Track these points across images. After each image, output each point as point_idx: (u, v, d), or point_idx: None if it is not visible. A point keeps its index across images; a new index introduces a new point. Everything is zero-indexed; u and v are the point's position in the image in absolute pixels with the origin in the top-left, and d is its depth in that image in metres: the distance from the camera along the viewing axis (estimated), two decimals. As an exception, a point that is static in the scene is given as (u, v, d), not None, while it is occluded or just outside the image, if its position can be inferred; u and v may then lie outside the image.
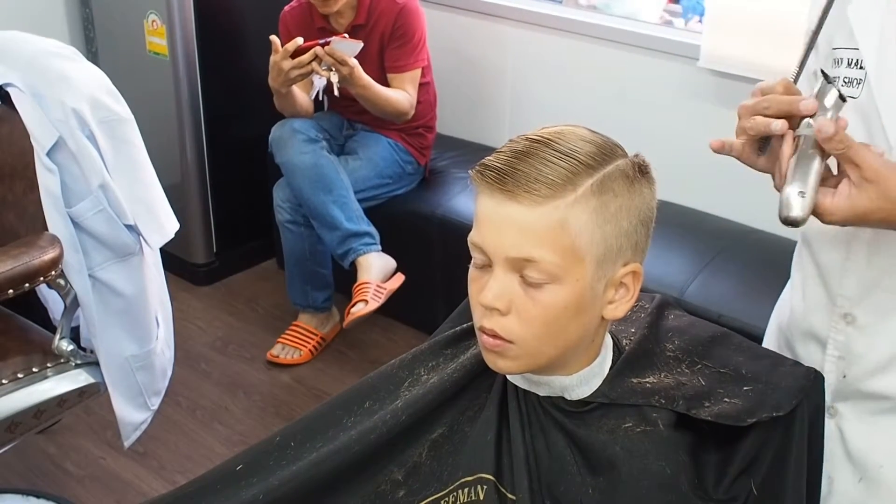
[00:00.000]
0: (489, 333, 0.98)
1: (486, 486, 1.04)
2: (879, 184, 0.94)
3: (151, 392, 2.01)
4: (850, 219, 0.96)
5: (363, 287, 2.58)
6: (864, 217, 0.96)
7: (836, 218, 0.96)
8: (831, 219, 0.97)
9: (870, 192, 0.94)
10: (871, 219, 0.96)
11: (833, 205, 0.96)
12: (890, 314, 1.10)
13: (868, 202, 0.95)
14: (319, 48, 2.46)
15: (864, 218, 0.96)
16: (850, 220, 0.97)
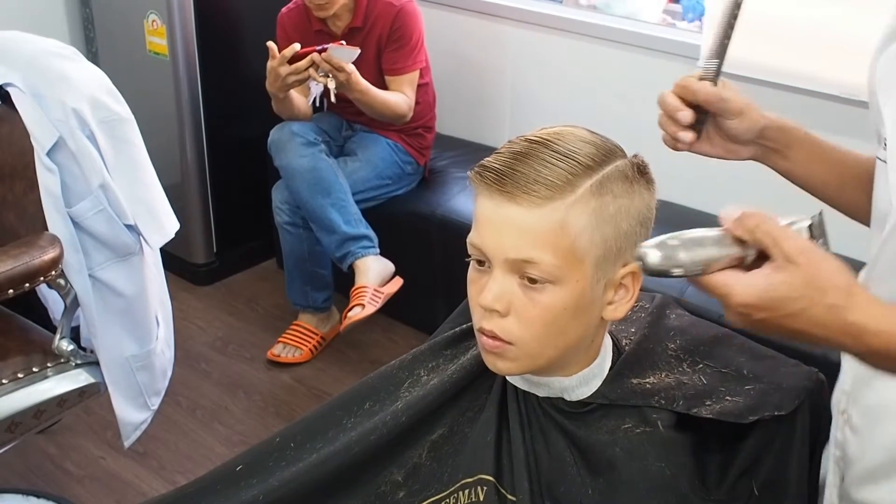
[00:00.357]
0: (488, 335, 0.98)
1: (486, 487, 1.04)
2: (807, 268, 0.79)
3: (151, 392, 2.01)
4: (761, 304, 0.79)
5: (360, 291, 2.59)
6: (779, 304, 0.79)
7: (743, 299, 0.80)
8: (737, 300, 0.80)
9: (793, 274, 0.79)
10: (786, 308, 0.79)
11: (744, 283, 0.80)
12: (881, 419, 0.96)
13: (788, 287, 0.79)
14: (316, 55, 2.46)
15: (778, 305, 0.79)
16: (759, 307, 0.80)
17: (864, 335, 0.78)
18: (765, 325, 0.81)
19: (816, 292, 0.78)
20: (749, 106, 1.06)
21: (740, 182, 2.71)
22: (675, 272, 0.82)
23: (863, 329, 0.78)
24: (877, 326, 0.78)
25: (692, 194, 2.66)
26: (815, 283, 0.79)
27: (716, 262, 0.82)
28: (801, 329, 0.79)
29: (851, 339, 0.79)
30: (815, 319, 0.79)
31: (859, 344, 0.79)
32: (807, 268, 0.79)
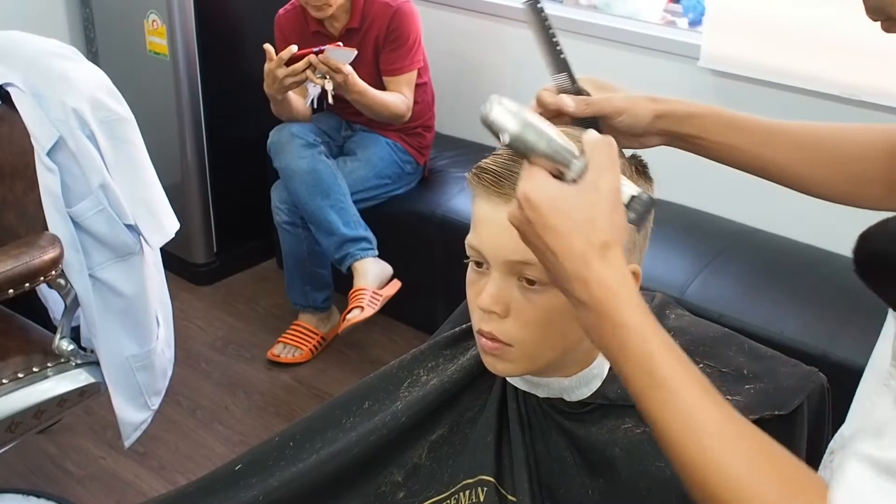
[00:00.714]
0: (487, 336, 0.98)
1: (486, 487, 1.04)
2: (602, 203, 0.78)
3: (152, 392, 2.01)
4: (539, 203, 0.78)
5: (359, 293, 2.59)
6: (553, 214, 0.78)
7: (528, 191, 0.79)
8: (524, 188, 0.79)
9: (586, 200, 0.78)
10: (556, 221, 0.78)
11: (543, 180, 0.79)
12: None
13: (572, 205, 0.78)
14: (313, 56, 2.47)
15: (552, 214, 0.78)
16: (536, 205, 0.79)
17: (596, 282, 0.77)
18: (530, 227, 0.79)
19: (588, 224, 0.77)
20: (631, 101, 1.03)
21: (741, 182, 2.71)
22: (503, 137, 0.80)
23: (599, 276, 0.77)
24: (611, 280, 0.77)
25: (693, 194, 2.66)
26: (595, 216, 0.77)
27: (540, 153, 0.80)
28: (552, 247, 0.78)
29: (583, 282, 0.77)
30: (570, 247, 0.77)
31: (587, 289, 0.77)
32: (601, 202, 0.78)
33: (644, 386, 0.76)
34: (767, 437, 0.75)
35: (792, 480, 0.72)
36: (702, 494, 0.74)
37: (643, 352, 0.75)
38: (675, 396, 0.74)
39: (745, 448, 0.73)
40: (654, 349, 0.75)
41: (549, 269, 0.80)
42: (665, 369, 0.75)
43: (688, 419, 0.74)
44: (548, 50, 0.98)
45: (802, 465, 0.75)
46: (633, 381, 0.77)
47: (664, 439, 0.76)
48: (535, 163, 0.81)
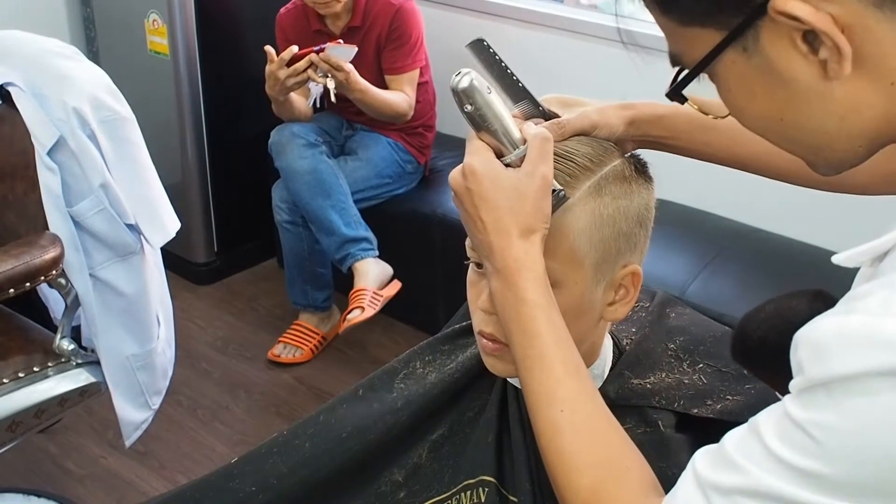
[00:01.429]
0: (488, 338, 0.98)
1: (487, 488, 1.04)
2: (538, 186, 0.88)
3: (152, 391, 2.01)
4: (480, 174, 0.89)
5: (360, 294, 2.59)
6: (490, 187, 0.89)
7: (473, 164, 0.89)
8: (469, 161, 0.90)
9: (522, 180, 0.88)
10: (492, 194, 0.88)
11: (488, 156, 0.90)
12: None
13: (510, 183, 0.88)
14: (314, 55, 2.46)
15: (489, 187, 0.89)
16: (478, 177, 0.89)
17: (511, 253, 0.87)
18: (468, 196, 0.89)
19: (518, 205, 0.87)
20: (602, 113, 1.03)
21: (742, 181, 2.71)
22: (467, 107, 0.89)
23: (515, 249, 0.87)
24: (524, 255, 0.87)
25: (694, 193, 2.66)
26: (525, 200, 0.87)
27: (492, 131, 0.90)
28: (483, 219, 0.88)
29: (502, 251, 0.88)
30: (499, 222, 0.88)
31: (503, 258, 0.88)
32: (534, 189, 0.88)
33: (523, 355, 0.88)
34: (617, 428, 0.87)
35: (618, 468, 0.84)
36: (546, 459, 0.87)
37: (532, 327, 0.87)
38: (543, 370, 0.87)
39: (587, 428, 0.85)
40: (540, 327, 0.87)
41: (472, 235, 0.91)
42: (543, 346, 0.87)
43: (549, 392, 0.86)
44: (504, 83, 1.00)
45: (641, 463, 0.86)
46: (517, 349, 0.88)
47: (529, 404, 0.88)
48: (483, 138, 0.91)
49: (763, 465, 0.71)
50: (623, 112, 1.05)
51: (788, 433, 0.70)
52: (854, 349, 0.66)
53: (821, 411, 0.68)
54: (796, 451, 0.69)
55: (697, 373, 1.09)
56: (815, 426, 0.68)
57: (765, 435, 0.72)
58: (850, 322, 0.67)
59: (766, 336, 0.86)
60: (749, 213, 2.62)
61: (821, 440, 0.68)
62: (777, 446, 0.71)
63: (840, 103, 0.72)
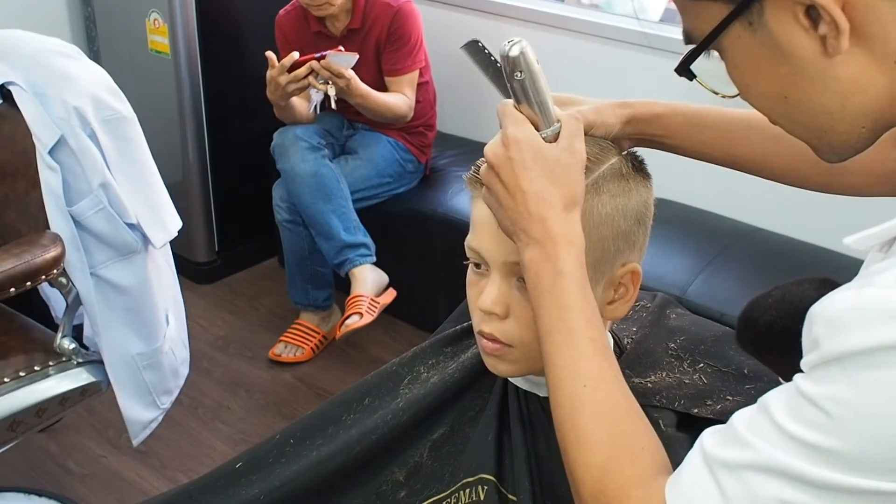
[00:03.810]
0: (488, 338, 0.98)
1: (486, 486, 1.04)
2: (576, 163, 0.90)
3: (161, 391, 2.01)
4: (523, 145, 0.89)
5: (358, 300, 2.59)
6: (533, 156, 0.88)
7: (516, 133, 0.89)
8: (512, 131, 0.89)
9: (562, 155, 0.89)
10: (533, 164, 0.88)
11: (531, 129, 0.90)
12: None
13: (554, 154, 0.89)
14: (315, 62, 2.46)
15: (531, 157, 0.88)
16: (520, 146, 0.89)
17: (553, 224, 0.87)
18: (509, 164, 0.88)
19: (563, 177, 0.87)
20: (599, 112, 1.03)
21: (743, 180, 2.71)
22: (518, 75, 0.88)
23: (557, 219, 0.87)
24: (566, 227, 0.87)
25: (694, 193, 2.66)
26: (569, 173, 0.88)
27: (535, 103, 0.90)
28: (525, 189, 0.87)
29: (542, 220, 0.87)
30: (541, 192, 0.87)
31: (543, 226, 0.87)
32: (575, 163, 0.89)
33: (552, 327, 0.86)
34: (637, 410, 0.86)
35: (633, 449, 0.83)
36: (561, 432, 0.85)
37: (566, 300, 0.86)
38: (571, 344, 0.85)
39: (607, 407, 0.84)
40: (574, 301, 0.86)
41: (508, 208, 0.88)
42: (575, 320, 0.86)
43: (574, 365, 0.85)
44: (500, 83, 1.01)
45: (656, 446, 0.86)
46: (544, 320, 0.87)
47: (550, 376, 0.86)
48: (522, 111, 0.90)
49: (773, 441, 0.71)
50: (620, 111, 1.05)
51: (800, 409, 0.70)
52: (870, 322, 0.65)
53: (834, 385, 0.67)
54: (808, 426, 0.69)
55: (698, 372, 1.09)
56: (828, 400, 0.68)
57: (775, 412, 0.71)
58: (867, 295, 0.66)
59: (774, 321, 0.86)
60: (750, 212, 2.62)
61: (833, 414, 0.67)
62: (788, 423, 0.70)
63: (842, 82, 0.73)
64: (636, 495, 0.79)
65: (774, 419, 0.71)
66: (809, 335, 0.71)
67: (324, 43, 2.68)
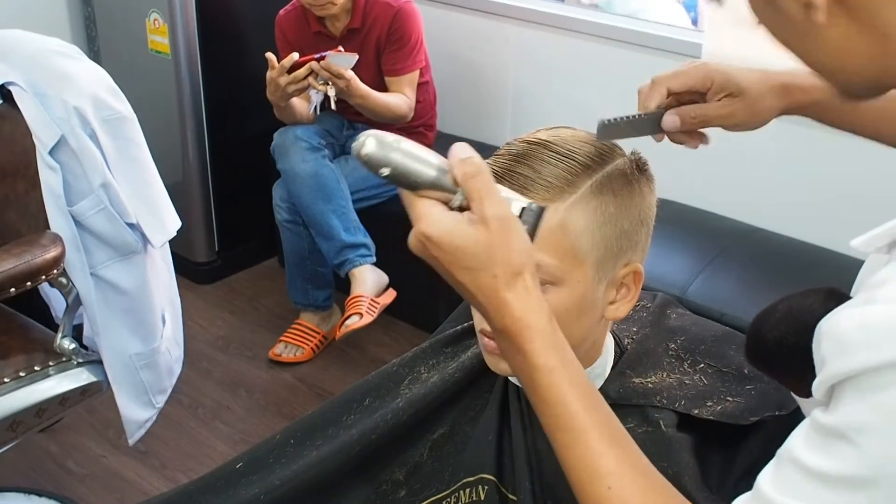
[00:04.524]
0: (490, 337, 0.98)
1: (487, 486, 1.04)
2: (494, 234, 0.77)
3: (156, 390, 2.01)
4: (440, 243, 0.80)
5: (358, 300, 2.59)
6: (454, 252, 0.79)
7: (427, 231, 0.81)
8: (422, 228, 0.82)
9: (479, 234, 0.78)
10: (458, 259, 0.79)
11: (437, 216, 0.81)
12: None
13: (469, 243, 0.78)
14: (315, 63, 2.46)
15: (452, 252, 0.79)
16: (438, 245, 0.80)
17: (506, 312, 0.78)
18: (437, 262, 0.80)
19: (489, 260, 0.77)
20: (751, 110, 1.05)
21: (743, 180, 2.71)
22: (383, 172, 0.79)
23: (508, 306, 0.78)
24: (520, 311, 0.78)
25: (695, 193, 2.66)
26: (492, 251, 0.77)
27: (425, 184, 0.80)
28: (462, 283, 0.79)
29: (496, 311, 0.78)
30: (478, 282, 0.78)
31: (501, 318, 0.78)
32: (494, 234, 0.77)
33: (551, 426, 0.79)
34: (665, 482, 0.79)
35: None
36: None
37: (553, 395, 0.78)
38: (578, 443, 0.78)
39: (641, 486, 0.77)
40: (561, 394, 0.78)
41: (466, 298, 0.81)
42: (571, 416, 0.78)
43: (589, 467, 0.77)
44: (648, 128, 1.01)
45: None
46: (543, 418, 0.80)
47: (569, 477, 0.79)
48: (424, 195, 0.81)
49: (802, 492, 0.67)
50: (777, 102, 1.07)
51: (819, 441, 0.67)
52: (878, 341, 0.64)
53: (848, 407, 0.66)
54: (830, 456, 0.66)
55: (698, 373, 1.09)
56: (846, 425, 0.66)
57: (796, 451, 0.69)
58: (872, 313, 0.65)
59: (783, 338, 0.84)
60: (750, 212, 2.62)
61: (856, 441, 0.65)
62: (810, 458, 0.67)
63: (831, 45, 0.73)
64: None
65: (797, 461, 0.68)
66: (818, 353, 0.69)
67: (324, 43, 2.68)
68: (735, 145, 1.88)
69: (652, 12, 2.88)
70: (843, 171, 2.39)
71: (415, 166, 0.80)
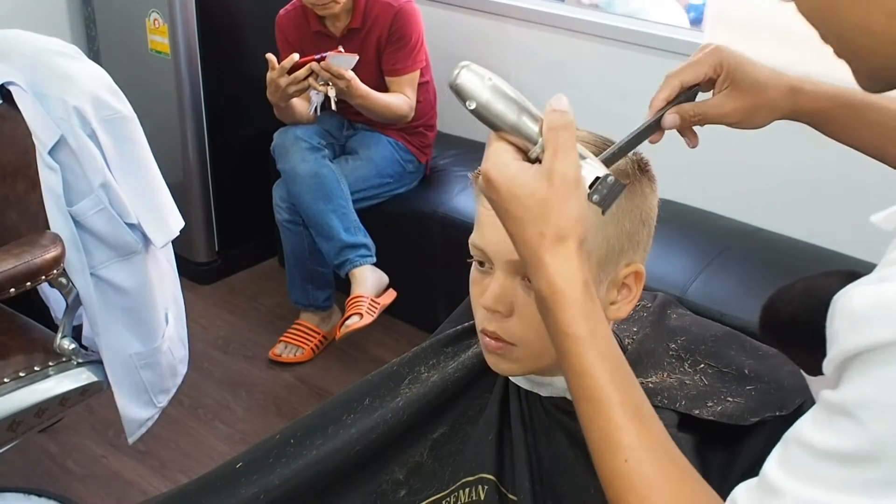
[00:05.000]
0: (491, 336, 0.98)
1: (486, 486, 1.04)
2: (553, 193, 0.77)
3: (158, 390, 2.01)
4: (499, 187, 0.79)
5: (358, 300, 2.59)
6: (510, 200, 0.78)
7: (491, 172, 0.79)
8: (488, 169, 0.80)
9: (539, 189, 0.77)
10: (512, 207, 0.78)
11: (505, 160, 0.79)
12: None
13: (526, 194, 0.77)
14: (315, 64, 2.46)
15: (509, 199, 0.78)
16: (496, 188, 0.79)
17: (543, 273, 0.77)
18: (493, 204, 0.80)
19: (540, 216, 0.76)
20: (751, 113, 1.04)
21: (743, 180, 2.71)
22: (469, 105, 0.79)
23: (545, 268, 0.77)
24: (556, 275, 0.77)
25: (695, 193, 2.66)
26: (546, 207, 0.76)
27: (506, 126, 0.80)
28: (510, 231, 0.79)
29: (534, 270, 0.78)
30: (524, 235, 0.77)
31: (537, 279, 0.78)
32: (553, 191, 0.76)
33: (577, 396, 0.78)
34: (688, 470, 0.78)
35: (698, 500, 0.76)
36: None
37: (580, 365, 0.77)
38: (600, 414, 0.76)
39: (657, 480, 0.75)
40: (589, 365, 0.77)
41: (514, 246, 0.80)
42: (596, 387, 0.76)
43: (609, 438, 0.76)
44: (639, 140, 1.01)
45: (712, 492, 0.78)
46: (570, 386, 0.79)
47: (590, 447, 0.78)
48: (502, 136, 0.80)
49: (806, 475, 0.66)
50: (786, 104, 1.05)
51: (827, 418, 0.66)
52: (890, 318, 0.63)
53: (855, 385, 0.65)
54: (836, 433, 0.65)
55: (699, 373, 1.09)
56: (851, 402, 0.65)
57: (803, 431, 0.68)
58: (886, 290, 0.64)
59: (797, 314, 0.83)
60: (751, 212, 2.62)
61: (861, 417, 0.64)
62: (817, 436, 0.66)
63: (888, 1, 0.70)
64: None
65: (801, 438, 0.68)
66: (832, 328, 0.68)
67: (324, 42, 2.68)
68: (736, 145, 1.89)
69: (652, 12, 2.89)
70: (843, 172, 2.39)
71: (499, 106, 0.79)
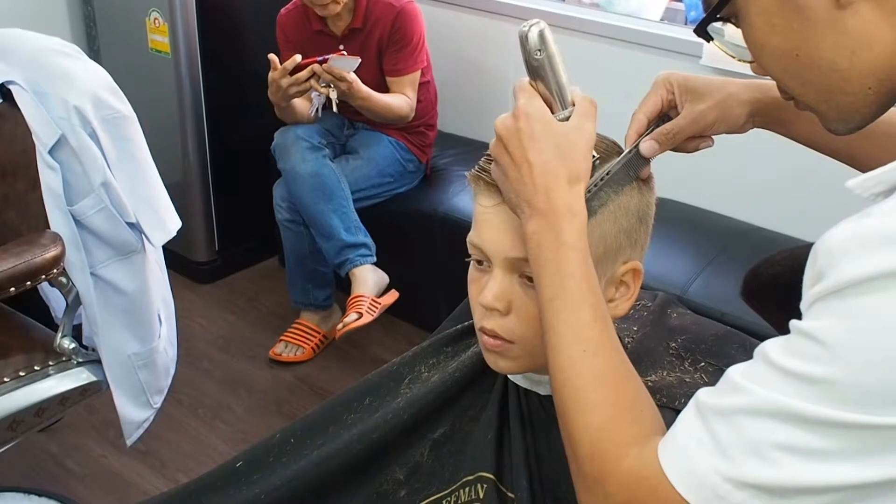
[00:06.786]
0: (489, 334, 0.98)
1: (485, 484, 1.04)
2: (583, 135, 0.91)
3: (154, 390, 2.01)
4: (531, 116, 0.90)
5: (359, 300, 2.59)
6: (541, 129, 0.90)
7: (527, 106, 0.90)
8: (524, 102, 0.91)
9: (573, 127, 0.91)
10: (540, 136, 0.89)
11: (541, 103, 0.92)
12: None
13: (559, 126, 0.90)
14: (317, 66, 2.46)
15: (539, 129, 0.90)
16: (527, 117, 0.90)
17: (559, 195, 0.88)
18: (517, 135, 0.89)
19: (568, 152, 0.89)
20: (723, 109, 1.03)
21: (744, 180, 2.71)
22: (538, 53, 0.91)
23: (562, 190, 0.88)
24: (573, 200, 0.88)
25: (695, 192, 2.66)
26: (573, 148, 0.89)
27: (558, 83, 0.93)
28: (531, 160, 0.88)
29: (550, 191, 0.88)
30: (547, 165, 0.88)
31: (551, 199, 0.88)
32: (581, 139, 0.90)
33: (552, 295, 0.87)
34: (635, 376, 0.86)
35: (632, 410, 0.83)
36: (559, 396, 0.85)
37: (567, 268, 0.86)
38: (572, 310, 0.86)
39: (606, 370, 0.84)
40: (576, 269, 0.87)
41: (512, 180, 0.89)
42: (576, 287, 0.86)
43: (574, 331, 0.85)
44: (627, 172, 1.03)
45: (653, 409, 0.86)
46: (545, 290, 0.87)
47: (550, 342, 0.86)
48: (538, 89, 0.93)
49: (767, 382, 0.71)
50: (747, 98, 1.06)
51: (795, 344, 0.70)
52: (868, 249, 0.65)
53: (831, 318, 0.67)
54: (802, 358, 0.69)
55: (699, 372, 1.09)
56: (823, 331, 0.67)
57: (770, 353, 0.72)
58: (865, 224, 0.67)
59: (779, 274, 0.88)
60: (750, 211, 2.62)
61: (828, 343, 0.67)
62: (782, 359, 0.70)
63: (852, 36, 0.75)
64: (633, 453, 0.79)
65: (769, 358, 0.72)
66: (814, 268, 0.71)
67: (325, 42, 2.68)
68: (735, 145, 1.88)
69: (652, 12, 2.88)
70: (843, 171, 2.39)
71: (553, 66, 0.92)
